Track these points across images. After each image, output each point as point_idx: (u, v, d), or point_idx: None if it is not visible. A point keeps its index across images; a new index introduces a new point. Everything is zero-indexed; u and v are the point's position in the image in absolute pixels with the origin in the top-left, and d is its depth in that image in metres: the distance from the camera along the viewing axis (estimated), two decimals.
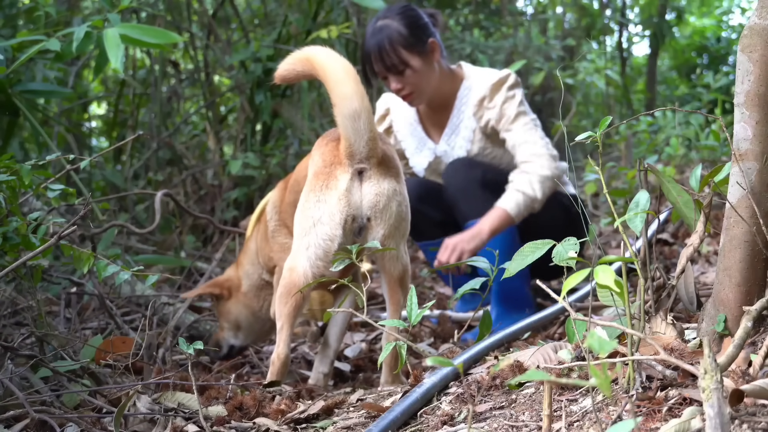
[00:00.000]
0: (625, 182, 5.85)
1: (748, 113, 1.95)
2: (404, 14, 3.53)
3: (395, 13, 3.53)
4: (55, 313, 3.54)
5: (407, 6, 3.60)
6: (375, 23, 3.55)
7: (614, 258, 1.69)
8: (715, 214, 3.53)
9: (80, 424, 2.39)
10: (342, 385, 2.97)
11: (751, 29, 1.96)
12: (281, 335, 2.65)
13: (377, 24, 3.52)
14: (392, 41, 3.45)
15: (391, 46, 3.45)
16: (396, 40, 3.46)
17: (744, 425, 1.48)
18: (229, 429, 2.42)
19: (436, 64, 3.58)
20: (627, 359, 1.73)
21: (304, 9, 6.22)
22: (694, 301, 2.38)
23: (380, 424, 2.07)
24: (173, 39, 3.60)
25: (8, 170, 2.75)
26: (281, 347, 2.65)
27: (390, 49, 3.45)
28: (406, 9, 3.56)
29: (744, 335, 1.69)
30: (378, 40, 3.48)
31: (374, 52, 3.49)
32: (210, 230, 5.80)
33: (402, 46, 3.47)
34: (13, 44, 3.77)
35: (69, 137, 5.65)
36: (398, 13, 3.53)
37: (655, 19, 10.90)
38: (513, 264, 2.23)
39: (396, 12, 3.54)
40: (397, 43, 3.46)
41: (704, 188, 2.17)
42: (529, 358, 2.35)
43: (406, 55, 3.47)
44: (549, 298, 3.68)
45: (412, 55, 3.48)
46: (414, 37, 3.49)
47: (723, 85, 8.95)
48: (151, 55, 6.18)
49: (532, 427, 1.83)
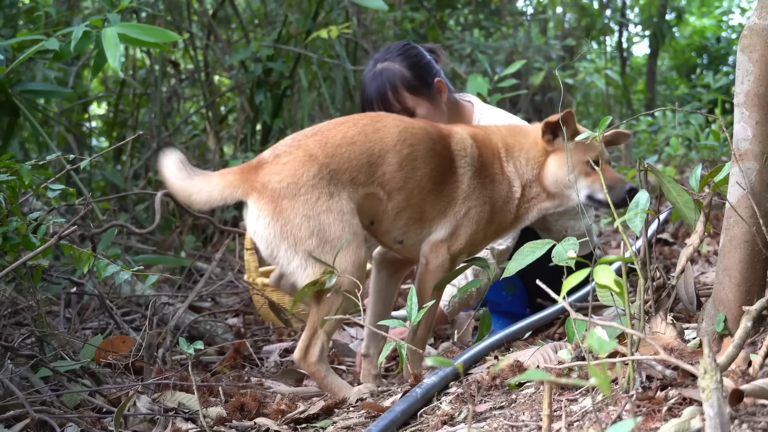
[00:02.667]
0: None
1: (748, 113, 1.95)
2: (405, 54, 3.21)
3: (395, 54, 3.22)
4: (55, 313, 3.54)
5: (407, 45, 3.29)
6: (374, 66, 3.23)
7: (614, 258, 1.69)
8: (715, 214, 3.53)
9: (80, 424, 2.39)
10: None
11: (751, 29, 1.96)
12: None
13: (377, 67, 3.21)
14: (395, 86, 3.15)
15: (394, 91, 3.15)
16: (399, 84, 3.15)
17: (744, 425, 1.48)
18: (229, 429, 2.43)
19: (444, 106, 3.25)
20: (627, 359, 1.73)
21: (304, 9, 6.23)
22: (694, 301, 2.39)
23: (380, 424, 2.07)
24: (172, 38, 3.60)
25: (8, 170, 2.75)
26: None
27: (393, 96, 3.15)
28: (406, 48, 3.25)
29: (744, 335, 1.69)
30: (378, 85, 3.16)
31: (376, 99, 3.17)
32: (210, 230, 5.81)
33: (406, 90, 3.16)
34: (13, 44, 3.78)
35: (69, 137, 5.65)
36: (399, 54, 3.21)
37: (655, 19, 10.90)
38: (513, 264, 2.23)
39: (396, 53, 3.22)
40: (401, 88, 3.16)
41: (704, 188, 2.17)
42: (529, 358, 2.35)
43: (411, 101, 3.17)
44: (549, 298, 3.68)
45: (418, 100, 3.17)
46: (418, 80, 3.18)
47: (723, 85, 8.95)
48: (151, 55, 6.18)
49: (532, 427, 1.83)
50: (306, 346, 2.58)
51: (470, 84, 4.71)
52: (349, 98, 6.13)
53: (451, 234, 2.68)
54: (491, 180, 2.74)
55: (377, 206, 2.64)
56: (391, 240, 2.72)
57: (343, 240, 2.53)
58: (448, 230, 2.67)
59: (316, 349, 2.57)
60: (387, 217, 2.65)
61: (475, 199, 2.69)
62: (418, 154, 2.64)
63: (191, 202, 2.61)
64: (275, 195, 2.52)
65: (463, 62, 6.88)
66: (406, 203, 2.64)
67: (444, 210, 2.67)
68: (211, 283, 4.40)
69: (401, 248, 2.74)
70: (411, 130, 2.68)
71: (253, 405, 2.50)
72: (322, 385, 2.61)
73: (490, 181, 2.73)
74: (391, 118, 2.73)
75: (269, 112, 5.81)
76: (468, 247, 2.71)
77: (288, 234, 2.52)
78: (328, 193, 2.55)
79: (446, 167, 2.68)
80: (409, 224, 2.67)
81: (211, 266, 4.21)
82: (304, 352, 2.58)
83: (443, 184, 2.67)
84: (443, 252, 2.67)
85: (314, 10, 5.90)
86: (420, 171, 2.64)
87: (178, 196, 2.63)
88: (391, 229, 2.69)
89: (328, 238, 2.52)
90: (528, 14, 9.57)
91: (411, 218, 2.66)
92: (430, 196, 2.65)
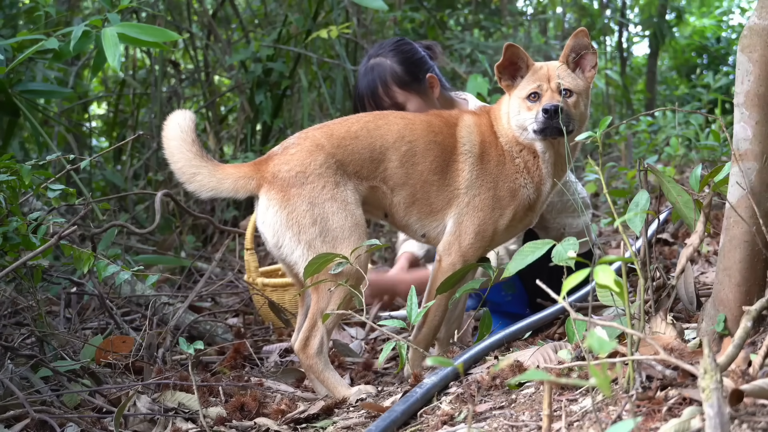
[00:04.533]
0: (625, 182, 5.85)
1: (748, 113, 1.95)
2: (397, 50, 3.23)
3: (388, 49, 3.24)
4: (55, 313, 3.54)
5: (401, 40, 3.30)
6: (367, 62, 3.25)
7: (614, 258, 1.69)
8: (715, 214, 3.53)
9: (80, 424, 2.39)
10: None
11: (751, 29, 1.96)
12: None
13: (369, 63, 3.22)
14: (385, 81, 3.16)
15: (384, 86, 3.16)
16: (389, 80, 3.16)
17: (744, 425, 1.48)
18: (229, 429, 2.43)
19: (437, 101, 3.26)
20: (627, 359, 1.73)
21: (304, 9, 6.23)
22: (694, 301, 2.39)
23: (380, 424, 2.07)
24: (172, 37, 3.60)
25: (8, 170, 2.75)
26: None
27: (383, 91, 3.16)
28: (399, 44, 3.26)
29: (744, 335, 1.69)
30: (369, 80, 3.18)
31: (366, 94, 3.19)
32: (210, 230, 5.81)
33: (397, 85, 3.18)
34: (13, 44, 3.77)
35: (69, 137, 5.65)
36: (391, 50, 3.23)
37: (655, 19, 10.90)
38: (513, 264, 2.23)
39: (389, 48, 3.24)
40: (392, 83, 3.17)
41: (704, 188, 2.17)
42: (529, 358, 2.35)
43: (402, 96, 3.18)
44: (549, 298, 3.68)
45: (408, 95, 3.19)
46: (409, 75, 3.19)
47: (723, 85, 8.94)
48: (151, 55, 6.18)
49: (532, 427, 1.83)
50: (306, 338, 2.60)
51: (470, 84, 4.71)
52: (349, 98, 6.12)
53: (458, 225, 2.67)
54: (496, 163, 2.70)
55: (383, 200, 2.66)
56: (414, 233, 2.75)
57: (344, 230, 2.55)
58: (454, 221, 2.67)
59: (316, 341, 2.59)
60: (397, 210, 2.67)
61: (478, 187, 2.67)
62: (417, 150, 2.65)
63: (192, 182, 2.58)
64: (284, 184, 2.56)
65: (463, 62, 6.88)
66: (413, 198, 2.65)
67: (449, 200, 2.67)
68: (211, 283, 4.39)
69: (428, 241, 2.77)
70: (411, 126, 2.69)
71: (253, 405, 2.50)
72: (319, 379, 2.62)
73: (494, 164, 2.70)
74: (393, 116, 2.75)
75: (269, 112, 5.81)
76: (478, 240, 2.67)
77: (293, 222, 2.55)
78: (334, 182, 2.58)
79: (448, 157, 2.67)
80: (422, 217, 2.68)
81: (211, 266, 4.21)
82: (303, 342, 2.61)
83: (445, 174, 2.66)
84: (455, 249, 2.66)
85: (314, 10, 5.90)
86: (420, 166, 2.64)
87: (180, 167, 2.57)
88: (407, 223, 2.71)
89: (330, 227, 2.55)
90: (528, 14, 9.57)
91: (422, 212, 2.68)
92: (433, 187, 2.66)
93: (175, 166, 2.59)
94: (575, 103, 2.61)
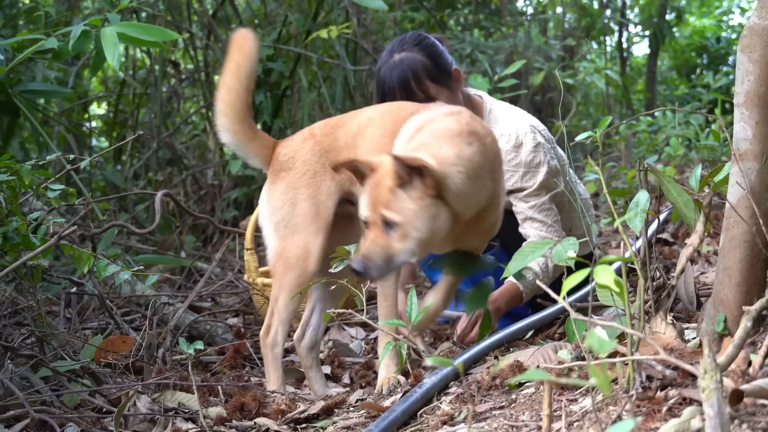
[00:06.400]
0: (625, 182, 5.84)
1: (748, 113, 1.95)
2: (422, 44, 3.23)
3: (412, 44, 3.24)
4: (55, 313, 3.54)
5: (421, 35, 3.31)
6: (389, 57, 3.24)
7: (614, 258, 1.69)
8: (715, 214, 3.53)
9: (80, 424, 2.40)
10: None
11: (751, 29, 1.96)
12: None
13: (395, 57, 3.21)
14: (417, 75, 3.16)
15: (417, 80, 3.16)
16: (421, 73, 3.17)
17: (744, 425, 1.48)
18: (229, 429, 2.43)
19: (460, 94, 3.28)
20: (627, 359, 1.73)
21: (304, 9, 6.23)
22: (694, 301, 2.39)
23: (380, 424, 2.07)
24: (172, 37, 3.60)
25: (8, 170, 2.75)
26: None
27: (416, 85, 3.16)
28: (422, 38, 3.28)
29: (744, 335, 1.69)
30: (401, 74, 3.17)
31: (399, 88, 3.17)
32: (210, 230, 5.81)
33: (428, 78, 3.18)
34: (13, 44, 3.77)
35: (69, 137, 5.65)
36: (415, 44, 3.23)
37: (655, 19, 10.89)
38: (513, 264, 2.23)
39: (413, 43, 3.24)
40: (424, 77, 3.17)
41: (704, 188, 2.17)
42: (529, 358, 2.35)
43: (434, 89, 3.18)
44: (549, 298, 3.68)
45: (439, 88, 3.19)
46: (438, 69, 3.20)
47: (723, 85, 8.94)
48: (151, 55, 6.18)
49: (532, 427, 1.83)
50: (268, 325, 2.73)
51: (470, 84, 4.71)
52: (349, 98, 6.13)
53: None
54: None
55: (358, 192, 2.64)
56: None
57: (306, 218, 2.63)
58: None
59: (273, 330, 2.71)
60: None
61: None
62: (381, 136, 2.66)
63: (238, 140, 2.75)
64: (278, 167, 2.74)
65: (463, 62, 6.87)
66: None
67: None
68: (211, 283, 4.40)
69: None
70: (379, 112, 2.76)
71: (253, 405, 2.50)
72: (265, 368, 2.76)
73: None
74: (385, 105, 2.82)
75: (269, 112, 5.81)
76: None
77: (270, 203, 2.69)
78: (314, 171, 2.68)
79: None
80: None
81: (211, 266, 4.21)
82: (266, 330, 2.73)
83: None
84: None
85: (314, 10, 5.90)
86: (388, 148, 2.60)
87: (235, 121, 2.70)
88: None
89: (294, 213, 2.65)
90: (528, 14, 9.56)
91: None
92: None
93: (230, 121, 2.73)
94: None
